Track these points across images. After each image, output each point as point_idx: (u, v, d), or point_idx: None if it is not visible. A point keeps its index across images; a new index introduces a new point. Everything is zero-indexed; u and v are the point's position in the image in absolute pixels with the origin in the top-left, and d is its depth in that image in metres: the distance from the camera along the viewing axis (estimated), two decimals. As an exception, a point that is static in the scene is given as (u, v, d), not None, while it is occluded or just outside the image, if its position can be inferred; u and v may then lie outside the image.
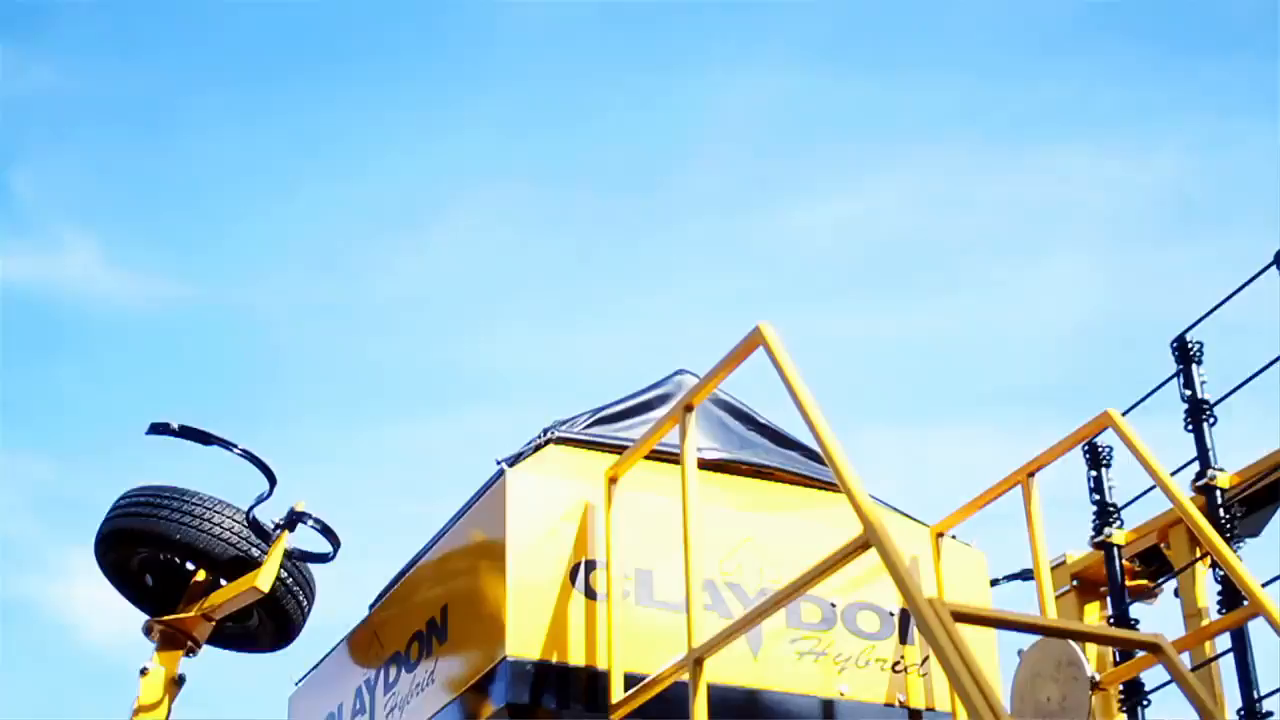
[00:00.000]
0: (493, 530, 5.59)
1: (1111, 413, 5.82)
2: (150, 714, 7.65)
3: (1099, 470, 8.42)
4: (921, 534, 6.17)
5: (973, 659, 3.82)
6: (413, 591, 6.28)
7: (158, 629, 7.78)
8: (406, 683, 6.07)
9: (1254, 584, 5.45)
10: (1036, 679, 5.33)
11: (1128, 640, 5.82)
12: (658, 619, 5.52)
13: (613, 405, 6.34)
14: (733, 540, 5.74)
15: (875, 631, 5.84)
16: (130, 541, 7.72)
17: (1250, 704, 7.23)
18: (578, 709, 5.33)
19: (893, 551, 4.13)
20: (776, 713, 5.56)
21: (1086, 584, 8.69)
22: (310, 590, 7.86)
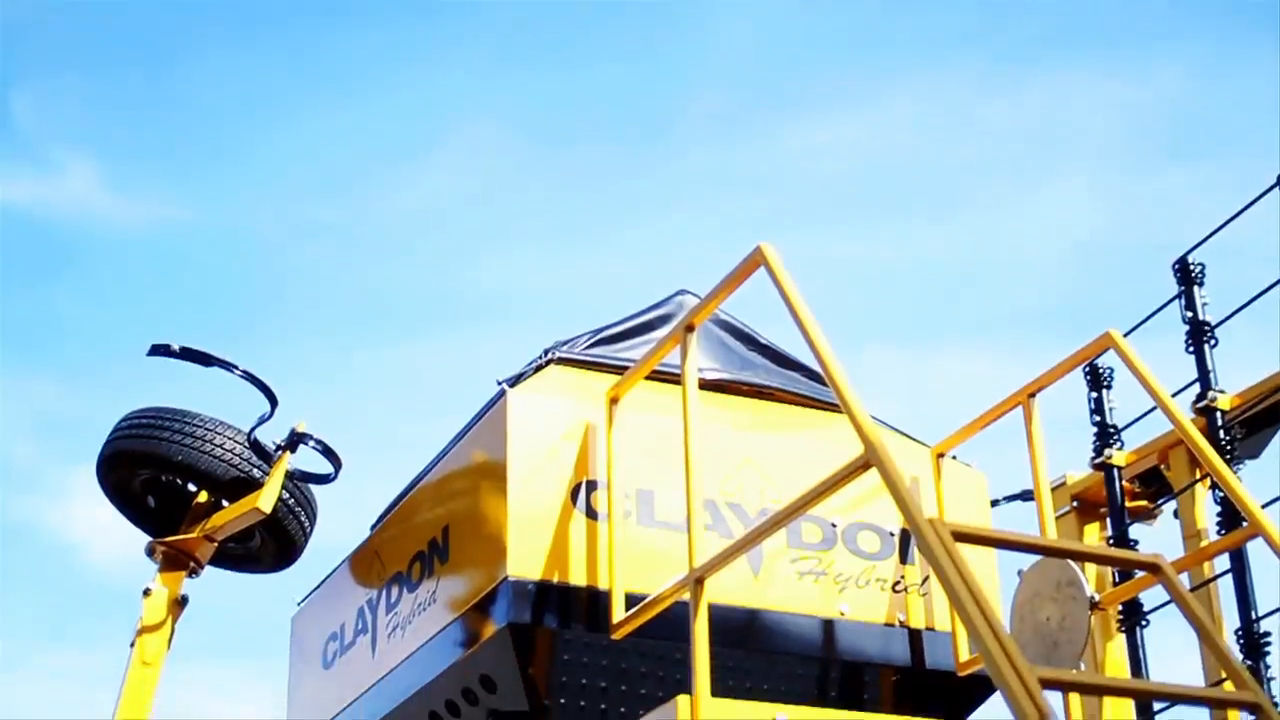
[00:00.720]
0: (494, 450, 5.59)
1: (1113, 333, 5.81)
2: (153, 635, 7.69)
3: (1099, 391, 8.44)
4: (922, 455, 6.17)
5: (973, 579, 3.83)
6: (414, 512, 6.29)
7: (160, 550, 7.80)
8: (408, 603, 6.09)
9: (1253, 505, 5.45)
10: (1036, 599, 5.34)
11: (1127, 560, 5.82)
12: (658, 539, 5.53)
13: (614, 326, 6.33)
14: (733, 460, 5.75)
15: (876, 551, 5.86)
16: (132, 463, 7.73)
17: (1248, 624, 7.26)
18: (579, 628, 5.35)
19: (893, 471, 4.13)
20: (777, 632, 5.59)
21: (1086, 505, 8.71)
22: (312, 511, 7.88)
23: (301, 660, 7.31)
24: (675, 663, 5.43)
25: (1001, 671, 3.59)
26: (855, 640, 5.71)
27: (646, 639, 5.36)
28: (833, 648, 5.66)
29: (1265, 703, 4.19)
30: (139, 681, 7.63)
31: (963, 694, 5.89)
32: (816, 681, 5.65)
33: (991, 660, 3.63)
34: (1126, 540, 8.08)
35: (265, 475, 7.48)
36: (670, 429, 5.36)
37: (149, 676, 7.65)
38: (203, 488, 7.82)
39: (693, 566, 4.83)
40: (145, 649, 7.67)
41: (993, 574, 6.02)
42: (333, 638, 6.89)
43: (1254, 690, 4.23)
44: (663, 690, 5.37)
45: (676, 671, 5.43)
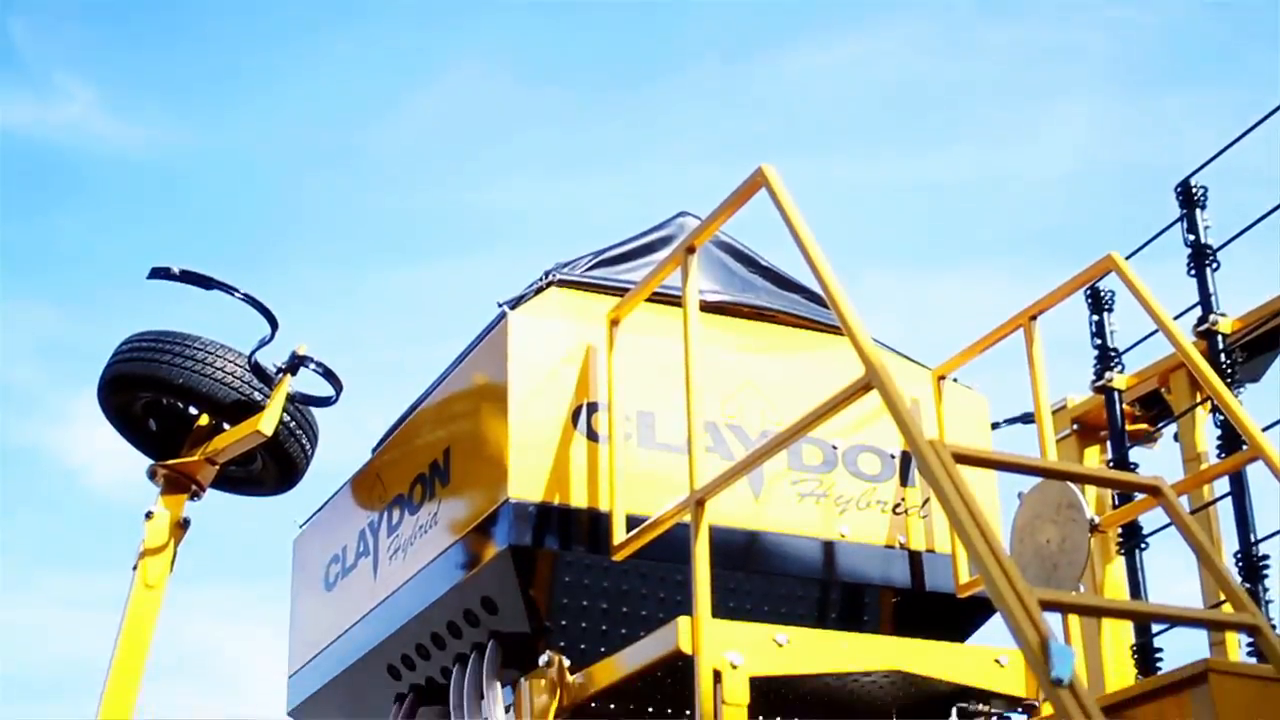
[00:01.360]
0: (494, 373, 5.59)
1: (1114, 256, 5.80)
2: (156, 557, 7.72)
3: (1101, 314, 8.42)
4: (923, 377, 6.17)
5: (973, 500, 3.83)
6: (415, 434, 6.30)
7: (162, 473, 7.82)
8: (409, 525, 6.10)
9: (1254, 428, 5.45)
10: (1036, 521, 5.34)
11: (1127, 483, 5.83)
12: (659, 461, 5.54)
13: (614, 247, 6.32)
14: (734, 382, 5.75)
15: (876, 474, 5.86)
16: (133, 386, 7.74)
17: (1247, 548, 7.28)
18: (580, 550, 5.36)
19: (894, 393, 4.13)
20: (777, 554, 5.60)
21: (1087, 428, 8.71)
22: (313, 433, 7.90)
23: (303, 583, 7.34)
24: (676, 584, 5.45)
25: (1001, 593, 3.60)
26: (855, 562, 5.72)
27: (647, 561, 5.38)
28: (833, 569, 5.68)
29: (1264, 625, 4.20)
30: (142, 604, 7.66)
31: (962, 616, 5.91)
32: (816, 603, 5.67)
33: (991, 582, 3.64)
34: (1127, 463, 8.09)
35: (266, 398, 7.49)
36: (671, 351, 5.35)
37: (152, 599, 7.68)
38: (204, 411, 7.83)
39: (693, 488, 4.84)
40: (148, 572, 7.70)
41: (993, 496, 6.03)
42: (334, 560, 6.91)
43: (1252, 612, 4.24)
44: (663, 612, 5.39)
45: (677, 593, 5.45)
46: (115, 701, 7.50)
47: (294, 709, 7.21)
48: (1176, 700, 4.09)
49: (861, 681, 5.17)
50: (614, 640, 5.34)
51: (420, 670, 6.14)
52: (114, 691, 7.50)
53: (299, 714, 7.21)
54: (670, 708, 5.38)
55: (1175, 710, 4.09)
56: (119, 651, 7.57)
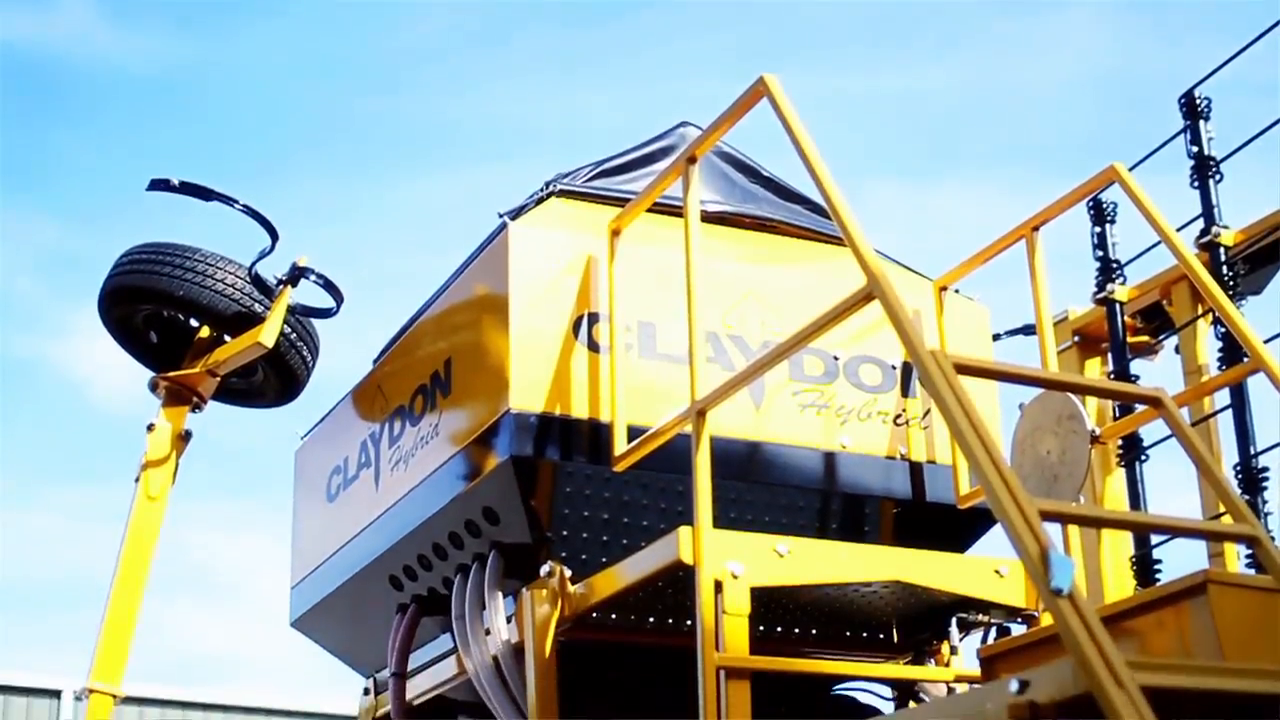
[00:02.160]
0: (495, 283, 5.58)
1: (1117, 166, 5.77)
2: (158, 469, 7.75)
3: (1103, 226, 8.40)
4: (924, 288, 6.16)
5: (974, 411, 3.83)
6: (416, 345, 6.29)
7: (163, 385, 7.84)
8: (411, 436, 6.11)
9: (1255, 340, 5.44)
10: (1036, 432, 5.35)
11: (1128, 394, 5.83)
12: (660, 371, 5.54)
13: (616, 158, 6.29)
14: (736, 293, 5.74)
15: (877, 384, 5.86)
16: (133, 298, 7.74)
17: (1247, 460, 7.29)
18: (581, 461, 5.37)
19: (896, 303, 4.12)
20: (778, 465, 5.61)
21: (1088, 340, 8.71)
22: (314, 345, 7.90)
23: (305, 494, 7.36)
24: (677, 495, 5.46)
25: (1002, 504, 3.61)
26: (856, 473, 5.73)
27: (648, 471, 5.39)
28: (833, 480, 5.69)
29: (1263, 536, 4.21)
30: (145, 516, 7.70)
31: (963, 527, 5.92)
32: (817, 514, 5.68)
33: (992, 492, 3.64)
34: (1127, 375, 8.09)
35: (267, 310, 7.49)
36: (672, 261, 5.34)
37: (155, 511, 7.72)
38: (204, 323, 7.84)
39: (694, 399, 4.84)
40: (150, 484, 7.73)
41: (994, 408, 6.03)
42: (336, 471, 6.93)
43: (1252, 524, 4.25)
44: (664, 522, 5.40)
45: (678, 504, 5.46)
46: (119, 612, 7.54)
47: (296, 620, 7.25)
48: (1175, 611, 4.09)
49: (862, 592, 5.20)
50: (615, 551, 5.36)
51: (422, 581, 6.17)
52: (118, 602, 7.55)
53: (301, 625, 7.25)
54: (671, 618, 5.41)
55: (1174, 621, 4.09)
56: (122, 563, 7.61)
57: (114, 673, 7.47)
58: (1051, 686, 3.40)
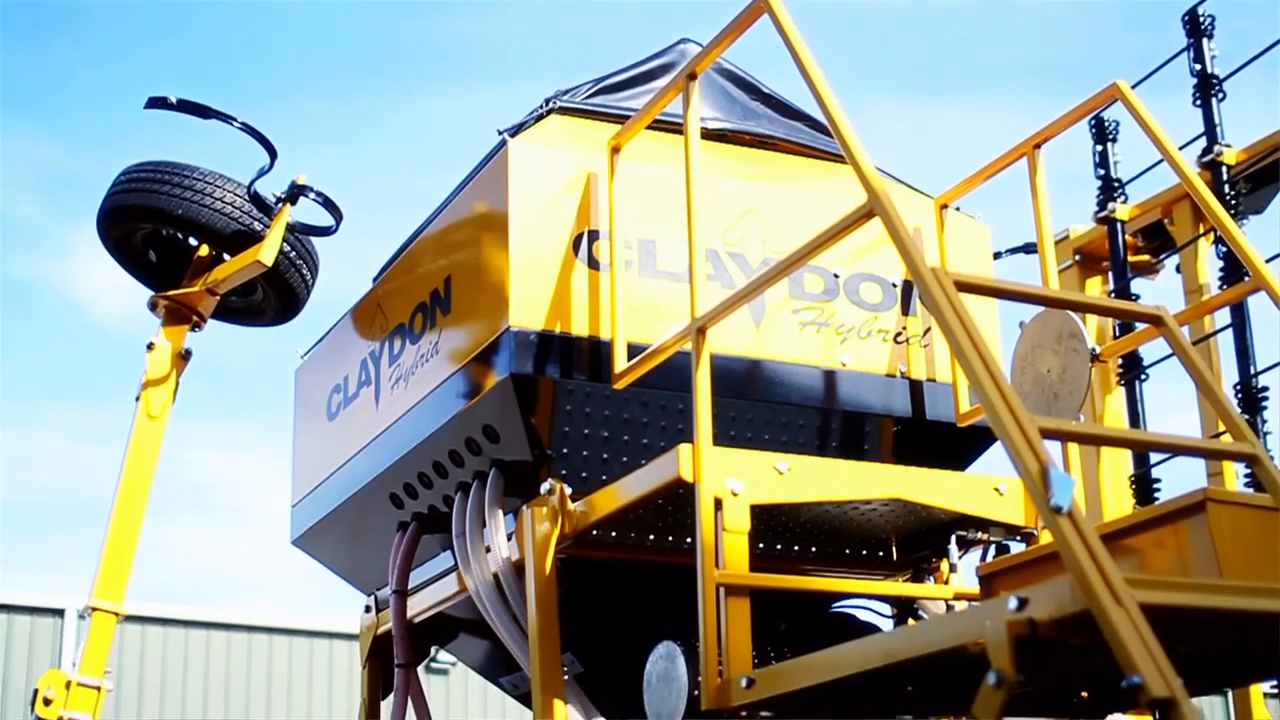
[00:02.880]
0: (495, 201, 5.56)
1: (1120, 84, 5.74)
2: (158, 389, 7.76)
3: (1105, 145, 8.38)
4: (925, 205, 6.14)
5: (975, 328, 3.82)
6: (416, 263, 6.28)
7: (163, 304, 7.84)
8: (411, 354, 6.11)
9: (1257, 258, 5.43)
10: (1036, 351, 5.34)
11: (1129, 312, 5.83)
12: (660, 289, 5.53)
13: (615, 75, 6.25)
14: (736, 210, 5.72)
15: (878, 302, 5.86)
16: (132, 217, 7.72)
17: (1247, 379, 7.30)
18: (581, 378, 5.37)
19: (896, 220, 4.10)
20: (778, 382, 5.61)
21: (1089, 259, 8.71)
22: (313, 263, 7.89)
23: (306, 413, 7.36)
24: (677, 413, 5.46)
25: (1002, 421, 3.61)
26: (856, 391, 5.73)
27: (648, 389, 5.39)
28: (834, 398, 5.69)
29: (1262, 454, 4.22)
30: (145, 435, 7.72)
31: (962, 445, 5.93)
32: (817, 431, 5.69)
33: (992, 410, 3.64)
34: (1128, 294, 8.09)
35: (266, 228, 7.48)
36: (672, 179, 5.32)
37: (155, 430, 7.73)
38: (203, 241, 7.82)
39: (694, 316, 4.83)
40: (150, 403, 7.74)
41: (994, 326, 6.02)
42: (336, 390, 6.93)
43: (1251, 442, 4.26)
44: (664, 440, 5.41)
45: (678, 422, 5.46)
46: (120, 531, 7.57)
47: (297, 538, 7.28)
48: (1174, 529, 4.11)
49: (861, 509, 5.21)
50: (615, 468, 5.37)
51: (422, 499, 6.19)
52: (119, 521, 7.57)
53: (302, 543, 7.28)
54: (671, 535, 5.42)
55: (1173, 539, 4.11)
56: (123, 482, 7.63)
57: (116, 591, 7.50)
58: (1050, 604, 3.41)
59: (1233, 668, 4.70)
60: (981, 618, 3.55)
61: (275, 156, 7.42)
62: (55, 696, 7.17)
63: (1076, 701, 4.72)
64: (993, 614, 3.49)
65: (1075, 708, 4.79)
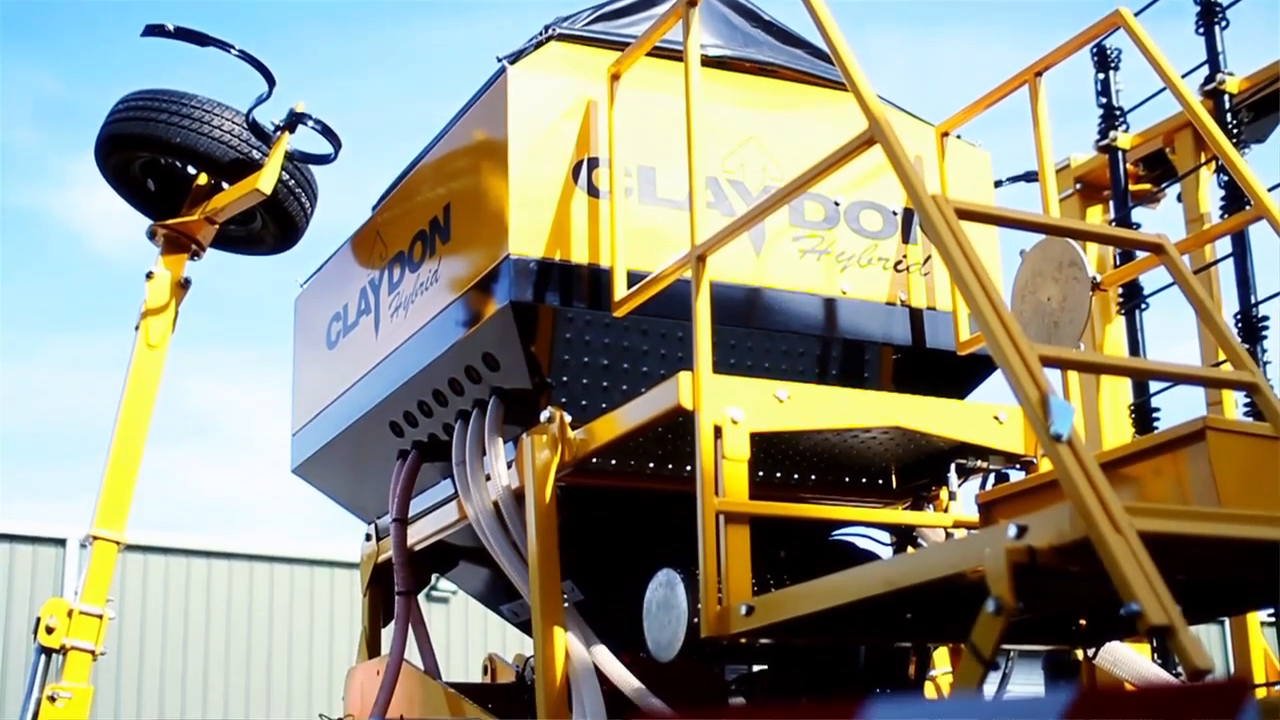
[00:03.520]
0: (494, 128, 5.53)
1: (1122, 11, 5.70)
2: (158, 317, 7.77)
3: (1106, 73, 8.32)
4: (926, 133, 6.11)
5: (975, 256, 3.81)
6: (415, 192, 6.26)
7: (161, 233, 7.84)
8: (410, 282, 6.10)
9: (1259, 187, 5.41)
10: (1037, 279, 5.33)
11: (1131, 240, 5.81)
12: (660, 216, 5.51)
13: (615, 1, 6.21)
14: (736, 138, 5.69)
15: (878, 230, 5.84)
16: (130, 146, 7.71)
17: (1247, 309, 7.28)
18: (580, 306, 5.36)
19: (897, 147, 4.08)
20: (778, 310, 5.60)
21: (1090, 188, 8.66)
22: (312, 192, 7.88)
23: (306, 341, 7.36)
24: (677, 341, 5.46)
25: (1002, 349, 3.61)
26: (856, 319, 5.72)
27: (648, 317, 5.38)
28: (834, 326, 5.68)
29: (1262, 383, 4.22)
30: (145, 364, 7.73)
31: (962, 373, 5.93)
32: (817, 359, 5.68)
33: (992, 337, 3.64)
34: (1129, 223, 8.06)
35: (265, 156, 7.46)
36: (672, 106, 5.30)
37: (155, 359, 7.75)
38: (202, 170, 7.81)
39: (694, 244, 4.82)
40: (150, 332, 7.76)
41: (994, 255, 6.01)
42: (336, 318, 6.92)
43: (1252, 370, 4.25)
44: (664, 368, 5.41)
45: (678, 349, 5.46)
46: (121, 460, 7.60)
47: (297, 467, 7.29)
48: (1173, 458, 4.11)
49: (861, 438, 5.21)
50: (615, 397, 5.37)
51: (423, 427, 6.19)
52: (119, 450, 7.60)
53: (302, 471, 7.29)
54: (671, 463, 5.43)
55: (1172, 468, 4.11)
56: (123, 411, 7.65)
57: (117, 520, 7.54)
58: (1050, 532, 3.42)
59: (1230, 596, 4.72)
60: (981, 545, 3.56)
61: (273, 84, 7.40)
62: (58, 625, 7.21)
63: (1075, 629, 4.74)
64: (992, 541, 3.50)
65: (1074, 635, 4.81)
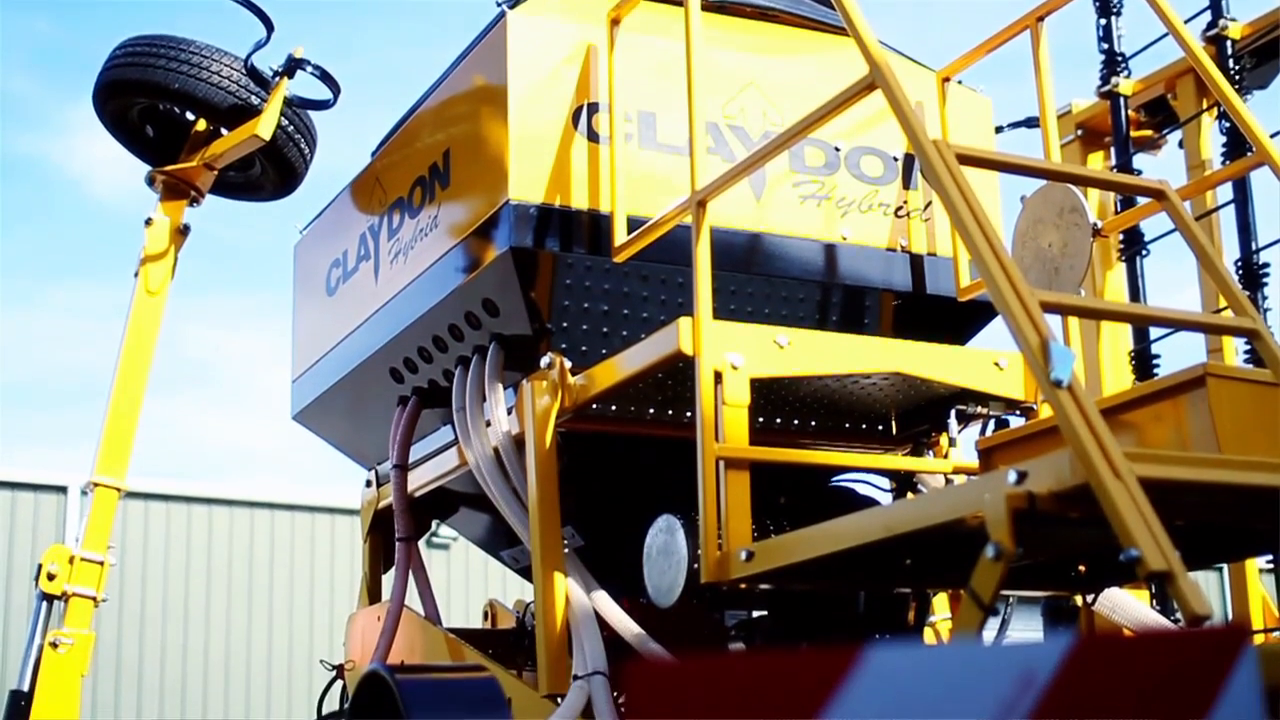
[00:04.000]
0: (494, 74, 5.51)
1: (1126, -45, 5.67)
2: (157, 264, 7.76)
3: (1109, 19, 8.28)
4: (927, 79, 6.08)
5: (976, 201, 3.81)
6: (415, 137, 6.24)
7: (160, 179, 7.82)
8: (410, 228, 6.09)
9: (1261, 132, 5.39)
10: (1038, 225, 5.32)
11: (1132, 186, 5.79)
12: (660, 162, 5.49)
13: (615, -55, 6.18)
14: (736, 83, 5.67)
15: (879, 176, 5.82)
16: (128, 92, 7.68)
17: (1248, 255, 7.28)
18: (580, 252, 5.35)
19: (898, 92, 4.07)
20: (778, 256, 5.59)
21: (1091, 134, 8.64)
22: (311, 137, 7.85)
23: (305, 288, 7.35)
24: (677, 286, 5.45)
25: (1003, 295, 3.60)
26: (856, 265, 5.72)
27: (648, 263, 5.37)
28: (834, 272, 5.67)
29: (1262, 329, 4.21)
30: (145, 310, 7.73)
31: (962, 319, 5.92)
32: (817, 305, 5.68)
33: (993, 283, 3.64)
34: (1130, 170, 8.04)
35: (263, 102, 7.44)
36: (672, 51, 5.28)
37: (154, 305, 7.74)
38: (201, 116, 7.79)
39: (694, 189, 4.81)
40: (149, 279, 7.75)
41: (995, 201, 5.99)
42: (335, 265, 6.91)
43: (1252, 316, 4.25)
44: (664, 313, 5.40)
45: (678, 295, 5.45)
46: (121, 407, 7.60)
47: (297, 414, 7.29)
48: (1173, 404, 4.11)
49: (861, 383, 5.21)
50: (615, 342, 5.37)
51: (422, 373, 6.19)
52: (120, 397, 7.60)
53: (303, 418, 7.29)
54: (671, 409, 5.43)
55: (1172, 414, 4.11)
56: (123, 358, 7.65)
57: (118, 467, 7.55)
58: (1049, 477, 3.42)
59: (1229, 542, 4.72)
60: (980, 491, 3.56)
61: (272, 30, 7.37)
62: (59, 571, 7.23)
63: (1074, 575, 4.75)
64: (992, 487, 3.50)
65: (1073, 581, 4.82)
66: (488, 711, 5.23)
